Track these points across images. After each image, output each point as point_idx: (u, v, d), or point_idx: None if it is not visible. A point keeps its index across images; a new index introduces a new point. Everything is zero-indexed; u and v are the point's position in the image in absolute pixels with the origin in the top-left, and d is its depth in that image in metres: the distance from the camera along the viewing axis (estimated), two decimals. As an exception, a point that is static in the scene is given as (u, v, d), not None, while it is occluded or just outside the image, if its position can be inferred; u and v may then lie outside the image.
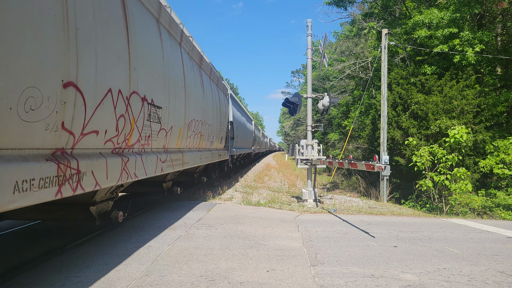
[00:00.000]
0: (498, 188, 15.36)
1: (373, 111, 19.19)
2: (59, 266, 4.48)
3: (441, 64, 16.59)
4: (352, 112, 26.90)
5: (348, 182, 21.74)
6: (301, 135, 52.56)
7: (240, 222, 7.34)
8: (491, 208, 13.33)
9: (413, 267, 4.79)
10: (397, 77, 17.03)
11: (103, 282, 3.98)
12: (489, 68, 17.87)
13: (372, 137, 19.27)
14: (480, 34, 14.79)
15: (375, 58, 19.81)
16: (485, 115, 15.27)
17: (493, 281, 4.31)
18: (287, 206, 9.98)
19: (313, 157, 10.49)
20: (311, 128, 11.00)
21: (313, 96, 11.07)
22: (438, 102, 15.00)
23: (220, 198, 10.65)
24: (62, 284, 3.89)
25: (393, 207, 11.28)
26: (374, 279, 4.26)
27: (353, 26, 27.03)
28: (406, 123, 15.48)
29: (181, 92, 7.02)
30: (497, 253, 5.61)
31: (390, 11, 20.92)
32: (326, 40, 11.19)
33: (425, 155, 11.95)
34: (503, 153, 13.72)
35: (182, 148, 7.68)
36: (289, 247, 5.62)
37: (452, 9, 14.82)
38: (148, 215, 7.93)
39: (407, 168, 14.34)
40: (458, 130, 12.25)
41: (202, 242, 5.75)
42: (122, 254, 5.02)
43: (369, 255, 5.32)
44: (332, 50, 32.27)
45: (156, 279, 4.10)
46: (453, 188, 11.43)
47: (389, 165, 6.86)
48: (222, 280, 4.11)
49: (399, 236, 6.68)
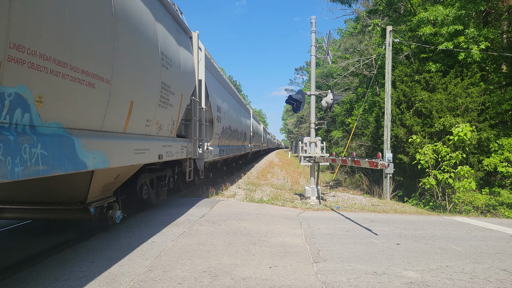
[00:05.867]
0: (502, 186, 15.29)
1: (377, 109, 19.13)
2: (64, 260, 4.53)
3: (445, 61, 16.48)
4: (356, 109, 26.81)
5: (351, 180, 21.72)
6: (304, 133, 52.49)
7: (243, 218, 7.36)
8: (495, 206, 13.27)
9: (416, 264, 4.79)
10: (401, 75, 16.94)
11: (107, 276, 4.02)
12: (494, 65, 17.73)
13: (376, 135, 19.22)
14: (486, 32, 14.68)
15: (379, 56, 19.72)
16: (490, 113, 15.18)
17: (496, 279, 4.30)
18: (290, 203, 9.99)
19: (316, 155, 10.49)
20: (315, 126, 10.99)
21: (316, 93, 11.05)
22: (442, 99, 14.92)
23: (223, 195, 10.68)
24: (66, 279, 3.93)
25: (396, 205, 11.26)
26: (376, 276, 4.27)
27: (357, 23, 26.88)
28: (410, 121, 15.42)
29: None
30: (500, 251, 5.60)
31: (395, 8, 20.79)
32: (330, 37, 11.15)
33: (429, 153, 11.90)
34: (507, 151, 13.65)
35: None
36: (292, 244, 5.64)
37: (457, 6, 14.70)
38: (152, 211, 7.97)
39: (411, 166, 14.30)
40: (462, 128, 12.18)
41: (205, 238, 5.77)
42: (126, 249, 5.05)
43: (371, 252, 5.32)
44: (336, 47, 32.13)
45: (160, 274, 4.13)
46: (457, 186, 11.39)
47: (393, 163, 6.84)
48: (225, 276, 4.13)
49: (402, 233, 6.67)
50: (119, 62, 4.61)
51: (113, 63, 4.48)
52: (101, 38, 4.17)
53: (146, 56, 5.51)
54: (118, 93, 4.69)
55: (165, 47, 6.38)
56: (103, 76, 4.28)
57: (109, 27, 4.34)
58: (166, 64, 6.40)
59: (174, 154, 7.32)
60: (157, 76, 6.02)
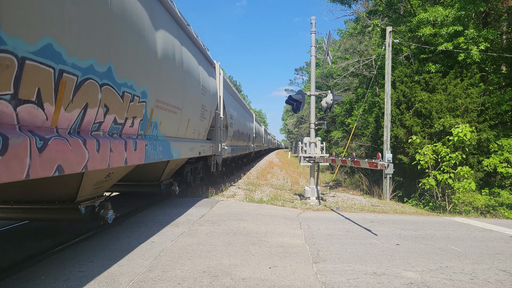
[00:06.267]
0: (502, 187, 15.29)
1: (377, 109, 19.13)
2: (63, 260, 4.52)
3: (445, 62, 16.49)
4: (356, 110, 26.81)
5: (351, 180, 21.72)
6: (304, 133, 52.49)
7: (243, 219, 7.36)
8: (495, 207, 13.27)
9: (416, 265, 4.79)
10: (401, 75, 16.95)
11: (107, 276, 4.01)
12: (493, 66, 17.73)
13: (376, 135, 19.22)
14: (485, 32, 14.68)
15: (379, 56, 19.73)
16: (490, 113, 15.18)
17: (496, 280, 4.30)
18: (289, 203, 9.99)
19: (316, 155, 10.49)
20: (314, 126, 10.99)
21: (316, 93, 11.05)
22: (442, 100, 14.92)
23: (223, 195, 10.68)
24: (66, 279, 3.92)
25: (396, 205, 11.26)
26: (376, 277, 4.27)
27: (357, 24, 26.90)
28: (410, 121, 15.42)
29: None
30: (500, 252, 5.60)
31: (395, 8, 20.81)
32: (330, 37, 11.15)
33: (429, 153, 11.90)
34: (507, 152, 13.64)
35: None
36: (292, 244, 5.64)
37: (457, 7, 14.71)
38: (151, 211, 7.97)
39: (410, 166, 14.30)
40: (462, 129, 12.19)
41: (205, 238, 5.77)
42: (125, 249, 5.05)
43: (371, 252, 5.32)
44: (336, 48, 32.14)
45: (159, 274, 4.13)
46: (457, 187, 11.39)
47: (392, 163, 6.84)
48: (225, 276, 4.13)
49: (401, 234, 6.67)
50: (185, 97, 7.52)
51: (183, 98, 7.43)
52: (182, 87, 7.27)
53: (195, 90, 8.39)
54: (184, 115, 7.58)
55: (203, 81, 9.25)
56: (179, 107, 7.21)
57: (183, 80, 7.32)
58: (204, 92, 9.23)
59: (206, 152, 10.07)
60: (199, 101, 8.83)
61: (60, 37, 3.25)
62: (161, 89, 5.96)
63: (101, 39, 3.96)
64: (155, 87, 5.70)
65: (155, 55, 5.60)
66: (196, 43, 8.97)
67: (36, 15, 2.94)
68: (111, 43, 4.18)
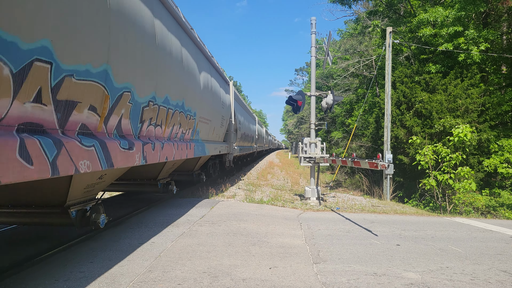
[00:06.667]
0: (502, 187, 15.28)
1: (377, 110, 19.13)
2: (63, 261, 4.52)
3: (445, 62, 16.49)
4: (356, 110, 26.81)
5: (351, 181, 21.71)
6: (305, 133, 52.49)
7: (243, 219, 7.36)
8: (495, 207, 13.26)
9: (416, 265, 4.79)
10: (401, 76, 16.95)
11: (107, 277, 4.01)
12: (494, 67, 17.73)
13: (376, 136, 19.22)
14: (485, 33, 14.68)
15: (379, 56, 19.73)
16: (490, 114, 15.18)
17: (496, 280, 4.30)
18: (290, 204, 9.98)
19: (316, 155, 10.48)
20: (315, 126, 10.99)
21: (316, 94, 11.05)
22: (442, 100, 14.92)
23: (223, 196, 10.68)
24: (66, 279, 3.92)
25: (396, 205, 11.25)
26: (376, 277, 4.26)
27: (357, 24, 26.90)
28: (410, 122, 15.42)
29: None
30: (500, 253, 5.60)
31: (395, 9, 20.81)
32: (330, 38, 11.16)
33: (429, 154, 11.90)
34: (507, 153, 13.64)
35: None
36: (292, 244, 5.64)
37: (457, 8, 14.70)
38: (151, 211, 7.97)
39: (411, 166, 14.29)
40: (462, 129, 12.19)
41: (205, 239, 5.77)
42: (125, 250, 5.05)
43: (371, 253, 5.32)
44: (336, 48, 32.16)
45: (160, 275, 4.13)
46: (457, 187, 11.39)
47: (393, 164, 6.84)
48: (225, 276, 4.13)
49: (402, 234, 6.67)
50: (213, 112, 10.41)
51: (213, 113, 10.34)
52: (212, 106, 10.24)
53: (218, 106, 11.22)
54: (212, 124, 10.44)
55: (223, 98, 12.10)
56: (210, 119, 10.05)
57: (212, 100, 10.16)
58: (223, 106, 12.14)
59: (223, 150, 12.86)
60: (220, 113, 11.67)
61: (160, 89, 6.09)
62: (201, 108, 8.90)
63: (180, 86, 7.05)
64: (199, 108, 8.70)
65: (199, 87, 8.54)
66: (219, 71, 11.92)
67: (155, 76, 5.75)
68: (183, 88, 7.22)
